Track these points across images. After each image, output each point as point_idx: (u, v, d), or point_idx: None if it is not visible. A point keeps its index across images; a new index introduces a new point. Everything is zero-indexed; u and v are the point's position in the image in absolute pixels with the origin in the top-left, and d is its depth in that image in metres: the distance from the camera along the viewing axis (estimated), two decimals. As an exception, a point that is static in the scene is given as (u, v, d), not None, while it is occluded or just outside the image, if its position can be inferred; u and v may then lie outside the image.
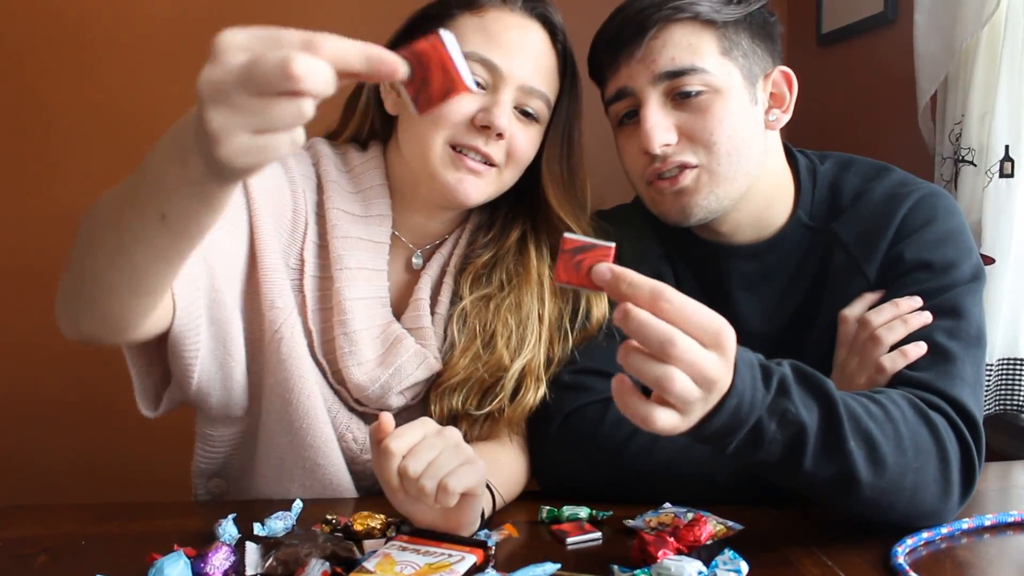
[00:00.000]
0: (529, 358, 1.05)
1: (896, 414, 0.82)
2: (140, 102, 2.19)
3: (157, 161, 0.69)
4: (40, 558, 0.84)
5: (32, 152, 2.19)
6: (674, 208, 1.04)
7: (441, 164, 1.02)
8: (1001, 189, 1.50)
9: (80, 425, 2.17)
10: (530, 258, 1.11)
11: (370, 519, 0.87)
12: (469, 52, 1.01)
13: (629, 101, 1.04)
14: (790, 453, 0.76)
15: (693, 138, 1.01)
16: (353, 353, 1.03)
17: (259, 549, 0.82)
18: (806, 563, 0.80)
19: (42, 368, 2.21)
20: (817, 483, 0.79)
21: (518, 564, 0.78)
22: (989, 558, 0.81)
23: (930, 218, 1.02)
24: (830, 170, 1.11)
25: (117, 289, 0.78)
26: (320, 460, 1.05)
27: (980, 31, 1.48)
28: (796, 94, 1.08)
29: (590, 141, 1.16)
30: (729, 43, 1.01)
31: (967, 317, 0.97)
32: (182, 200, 0.67)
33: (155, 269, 0.76)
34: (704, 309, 0.68)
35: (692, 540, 0.82)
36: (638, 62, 1.01)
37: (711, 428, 0.72)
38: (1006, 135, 1.48)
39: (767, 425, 0.74)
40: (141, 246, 0.73)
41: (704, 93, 1.00)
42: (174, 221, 0.69)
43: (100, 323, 0.82)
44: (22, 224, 2.20)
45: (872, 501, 0.81)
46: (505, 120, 1.01)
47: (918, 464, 0.81)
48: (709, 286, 1.12)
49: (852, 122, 2.05)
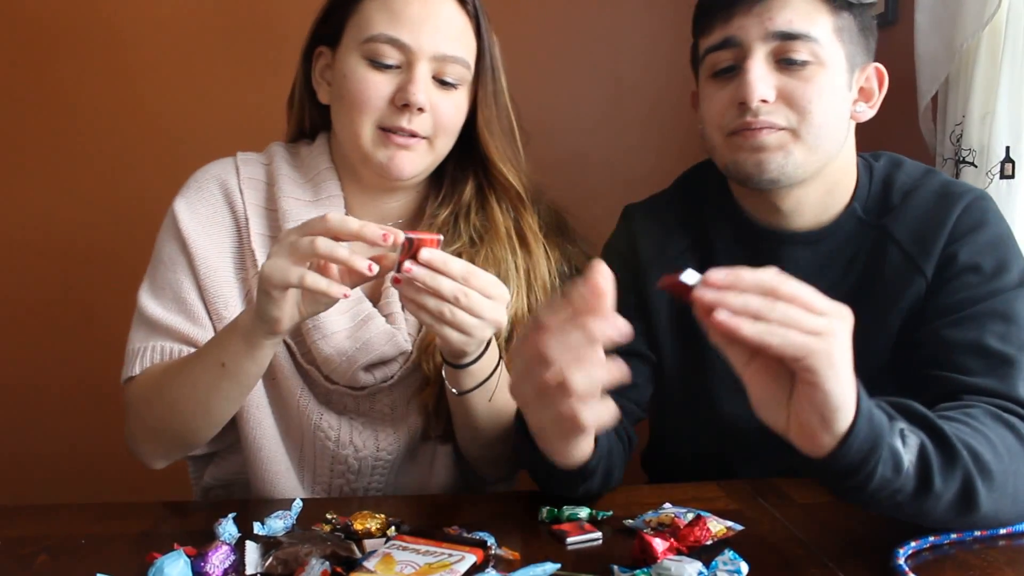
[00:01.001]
0: (515, 308, 1.09)
1: (978, 424, 0.83)
2: (157, 95, 2.20)
3: (216, 340, 1.00)
4: (40, 558, 0.84)
5: (53, 143, 2.20)
6: (750, 160, 1.03)
7: (372, 146, 1.06)
8: (1002, 190, 1.49)
9: (80, 424, 2.16)
10: (494, 212, 1.15)
11: (370, 519, 0.87)
12: (377, 34, 1.04)
13: (734, 53, 1.03)
14: (921, 475, 0.75)
15: (791, 102, 1.00)
16: (317, 327, 1.07)
17: (259, 548, 0.82)
18: (806, 564, 0.80)
19: (42, 368, 2.21)
20: (943, 503, 0.77)
21: (518, 564, 0.78)
22: (998, 564, 0.80)
23: (982, 221, 1.03)
24: (883, 167, 1.12)
25: (203, 430, 1.04)
26: (264, 458, 1.10)
27: (981, 32, 1.48)
28: (885, 93, 1.08)
29: (592, 139, 1.16)
30: (842, 24, 1.02)
31: (1018, 321, 0.97)
32: (233, 345, 0.95)
33: (231, 406, 1.02)
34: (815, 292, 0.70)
35: (692, 540, 0.82)
36: (755, 15, 1.00)
37: (855, 443, 0.70)
38: (1007, 136, 1.48)
39: (896, 447, 0.73)
40: (216, 396, 0.99)
41: (810, 64, 1.00)
42: (233, 367, 0.95)
43: (187, 449, 1.10)
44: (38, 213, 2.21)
45: (986, 513, 0.80)
46: (422, 95, 1.04)
47: (1014, 468, 0.81)
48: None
49: (853, 123, 2.05)
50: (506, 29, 1.18)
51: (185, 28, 2.21)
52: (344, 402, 1.11)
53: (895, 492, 0.75)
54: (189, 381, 1.00)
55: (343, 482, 1.12)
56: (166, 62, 2.21)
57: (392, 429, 1.11)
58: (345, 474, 1.11)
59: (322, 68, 1.14)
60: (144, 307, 1.10)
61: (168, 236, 1.12)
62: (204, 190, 1.13)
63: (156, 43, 2.20)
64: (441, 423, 1.11)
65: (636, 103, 2.27)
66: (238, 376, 0.97)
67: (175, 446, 1.08)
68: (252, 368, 0.97)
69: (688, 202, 1.19)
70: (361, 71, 1.05)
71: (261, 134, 1.25)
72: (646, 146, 2.25)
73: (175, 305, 1.09)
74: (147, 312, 1.09)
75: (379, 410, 1.11)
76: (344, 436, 1.09)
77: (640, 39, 2.23)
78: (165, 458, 1.09)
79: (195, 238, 1.10)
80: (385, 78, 1.05)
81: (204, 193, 1.13)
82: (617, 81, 2.29)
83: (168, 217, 1.13)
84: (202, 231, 1.10)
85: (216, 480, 1.18)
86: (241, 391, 1.00)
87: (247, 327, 0.94)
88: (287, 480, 1.10)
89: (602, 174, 2.26)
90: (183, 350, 1.07)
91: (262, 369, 0.98)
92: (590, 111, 2.31)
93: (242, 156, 1.17)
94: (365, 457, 1.10)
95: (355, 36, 1.07)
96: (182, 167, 1.18)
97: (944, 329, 0.99)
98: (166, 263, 1.11)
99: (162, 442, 1.07)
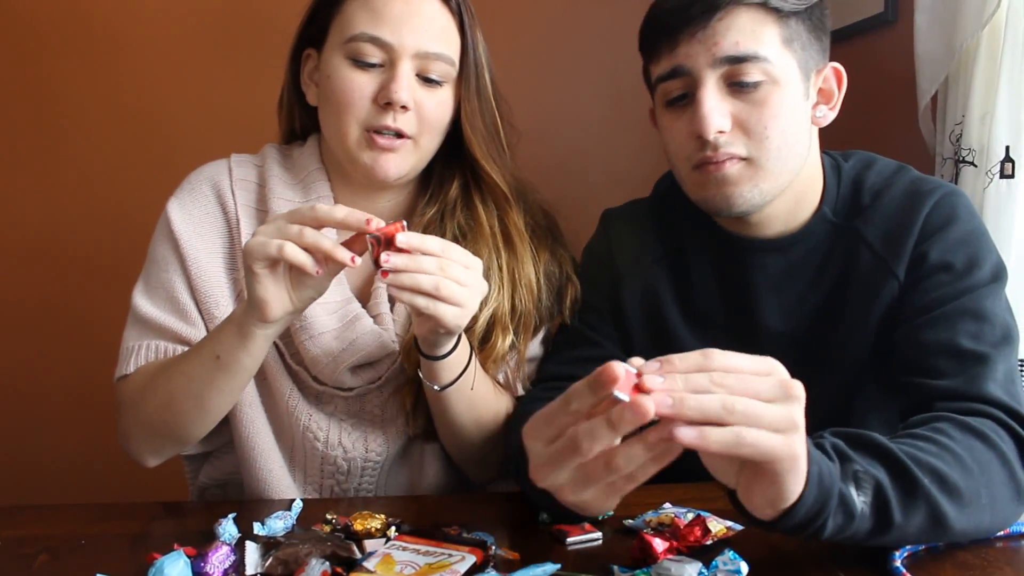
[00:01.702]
0: (495, 306, 1.09)
1: (945, 440, 0.81)
2: (152, 96, 2.20)
3: (212, 334, 1.01)
4: (40, 558, 0.84)
5: (47, 145, 2.20)
6: (718, 196, 1.02)
7: (357, 147, 1.07)
8: (1002, 190, 1.49)
9: (80, 424, 2.16)
10: (478, 210, 1.15)
11: (370, 519, 0.87)
12: (358, 34, 1.05)
13: (684, 82, 1.01)
14: (879, 514, 0.74)
15: (747, 129, 0.99)
16: (304, 328, 1.07)
17: (259, 549, 0.82)
18: (806, 563, 0.80)
19: (42, 367, 2.21)
20: (910, 533, 0.77)
21: (518, 564, 0.78)
22: (997, 564, 0.80)
23: (951, 218, 1.01)
24: (853, 168, 1.11)
25: (198, 426, 1.04)
26: (263, 476, 1.10)
27: (980, 32, 1.48)
28: (844, 92, 1.07)
29: (592, 140, 1.16)
30: (790, 34, 1.00)
31: (990, 319, 0.96)
32: (227, 338, 0.96)
33: (226, 401, 1.03)
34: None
35: (692, 540, 0.82)
36: (699, 42, 0.98)
37: (802, 510, 0.69)
38: (1006, 136, 1.48)
39: (849, 493, 0.72)
40: (210, 391, 0.99)
41: (763, 84, 0.98)
42: (228, 359, 0.96)
43: (182, 446, 1.11)
44: (33, 216, 2.21)
45: (963, 531, 0.80)
46: (404, 93, 1.04)
47: (986, 477, 0.81)
48: (731, 283, 1.11)
49: (852, 122, 2.05)
50: (505, 32, 1.18)
51: (180, 30, 2.21)
52: (334, 403, 1.11)
53: (852, 535, 0.74)
54: (184, 376, 1.00)
55: (333, 482, 1.12)
56: (160, 64, 2.21)
57: (381, 431, 1.11)
58: (335, 475, 1.11)
59: (310, 70, 1.14)
60: (138, 307, 1.10)
61: (161, 237, 1.13)
62: (197, 191, 1.14)
63: (151, 46, 2.21)
64: (421, 422, 1.11)
65: (635, 106, 2.27)
66: (232, 368, 0.97)
67: (169, 442, 1.07)
68: (246, 360, 0.96)
69: (664, 208, 1.18)
70: (344, 71, 1.06)
71: (256, 136, 1.25)
72: (645, 149, 2.25)
73: (168, 305, 1.09)
74: (141, 311, 1.09)
75: (369, 411, 1.11)
76: (333, 438, 1.10)
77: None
78: (158, 455, 1.09)
79: (187, 239, 1.10)
80: (368, 77, 1.05)
81: (197, 194, 1.13)
82: (616, 84, 2.29)
83: (162, 218, 1.13)
84: (194, 232, 1.11)
85: (211, 480, 1.18)
86: (235, 385, 1.00)
87: (240, 317, 0.95)
88: (280, 478, 1.10)
89: (601, 177, 2.26)
90: (176, 349, 1.07)
91: (256, 362, 0.98)
92: (589, 114, 2.31)
93: (236, 158, 1.17)
94: (354, 459, 1.10)
95: (338, 36, 1.07)
96: (177, 170, 1.18)
97: (918, 330, 0.98)
98: (159, 263, 1.11)
99: (156, 438, 1.06)
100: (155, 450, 1.08)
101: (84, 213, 2.20)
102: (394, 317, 1.11)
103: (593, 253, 1.21)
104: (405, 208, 1.18)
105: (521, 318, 1.12)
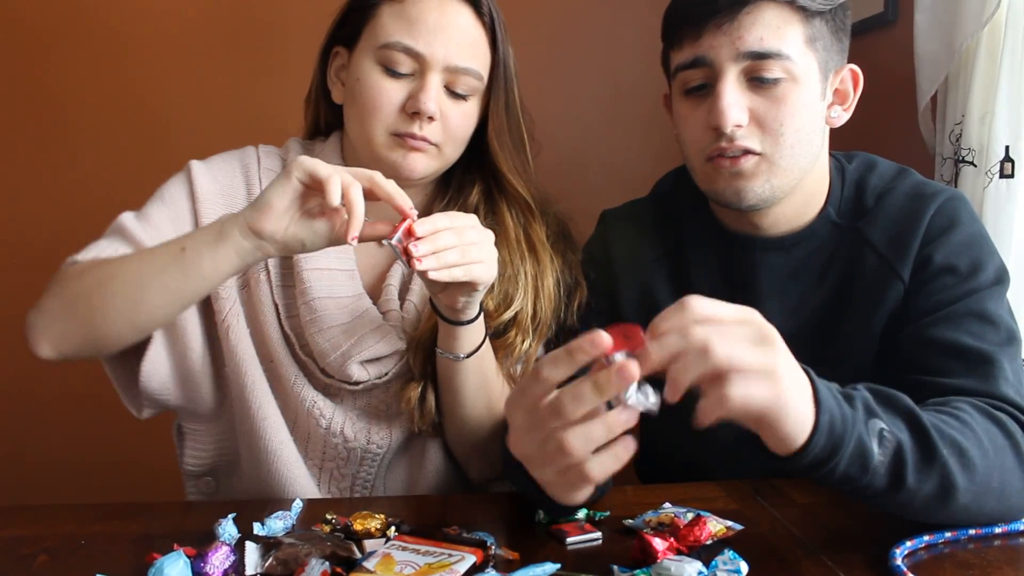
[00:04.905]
0: (519, 309, 1.10)
1: (967, 417, 0.82)
2: (153, 94, 2.20)
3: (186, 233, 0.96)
4: (40, 558, 0.84)
5: (48, 145, 2.20)
6: (729, 189, 1.03)
7: (385, 149, 1.07)
8: (1001, 190, 1.49)
9: (80, 424, 2.17)
10: (504, 216, 1.15)
11: (370, 519, 0.87)
12: (392, 42, 1.05)
13: (704, 72, 1.01)
14: (894, 473, 0.75)
15: (763, 125, 1.00)
16: (314, 321, 1.07)
17: (259, 549, 0.81)
18: (806, 563, 0.80)
19: (42, 367, 2.21)
20: (918, 499, 0.77)
21: (518, 564, 0.78)
22: (997, 563, 0.80)
23: (955, 221, 1.03)
24: (856, 170, 1.11)
25: (119, 322, 0.95)
26: (272, 448, 1.09)
27: (980, 32, 1.48)
28: (860, 94, 1.07)
29: (592, 140, 1.17)
30: (814, 33, 1.00)
31: (994, 320, 0.97)
32: (202, 235, 0.91)
33: (163, 305, 0.94)
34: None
35: (692, 540, 0.82)
36: (724, 34, 0.99)
37: (813, 451, 0.70)
38: (1006, 135, 1.48)
39: (869, 445, 0.73)
40: (156, 281, 0.92)
41: (783, 81, 0.99)
42: (191, 253, 0.90)
43: (88, 346, 0.99)
44: (33, 216, 2.21)
45: (966, 507, 0.80)
46: (432, 104, 1.05)
47: (1000, 462, 0.81)
48: (733, 282, 1.11)
49: (852, 122, 2.05)
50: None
51: (181, 30, 2.21)
52: (340, 396, 1.12)
53: (863, 487, 0.75)
54: (137, 260, 0.96)
55: (333, 465, 1.13)
56: (162, 65, 2.21)
57: (386, 424, 1.12)
58: (336, 459, 1.12)
59: (337, 68, 1.15)
60: (123, 221, 1.06)
61: (179, 183, 1.11)
62: (227, 164, 1.14)
63: (152, 46, 2.21)
64: (426, 418, 1.11)
65: (635, 106, 2.27)
66: (189, 266, 0.91)
67: (78, 330, 0.97)
68: (206, 264, 0.91)
69: (664, 208, 1.18)
70: (375, 77, 1.06)
71: (259, 136, 1.25)
72: (645, 149, 2.25)
73: (155, 233, 1.05)
74: (126, 225, 1.05)
75: (375, 406, 1.12)
76: (336, 426, 1.10)
77: (639, 43, 2.23)
78: (59, 344, 0.98)
79: (206, 196, 1.09)
80: (398, 85, 1.06)
81: (225, 167, 1.14)
82: (616, 84, 2.29)
83: (182, 171, 1.12)
84: (216, 192, 1.10)
85: (198, 464, 1.17)
86: (181, 289, 0.93)
87: (227, 219, 0.92)
88: (288, 451, 1.09)
89: (601, 177, 2.27)
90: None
91: (213, 278, 0.92)
92: (589, 114, 2.31)
93: (263, 148, 1.18)
94: (355, 449, 1.11)
95: (371, 41, 1.08)
96: (179, 171, 1.18)
97: (923, 332, 0.98)
98: (166, 201, 1.09)
99: (68, 319, 0.97)
100: (59, 334, 0.98)
101: (85, 213, 2.18)
102: (403, 314, 1.11)
103: (591, 253, 1.22)
104: (420, 209, 1.18)
105: (539, 325, 1.13)
